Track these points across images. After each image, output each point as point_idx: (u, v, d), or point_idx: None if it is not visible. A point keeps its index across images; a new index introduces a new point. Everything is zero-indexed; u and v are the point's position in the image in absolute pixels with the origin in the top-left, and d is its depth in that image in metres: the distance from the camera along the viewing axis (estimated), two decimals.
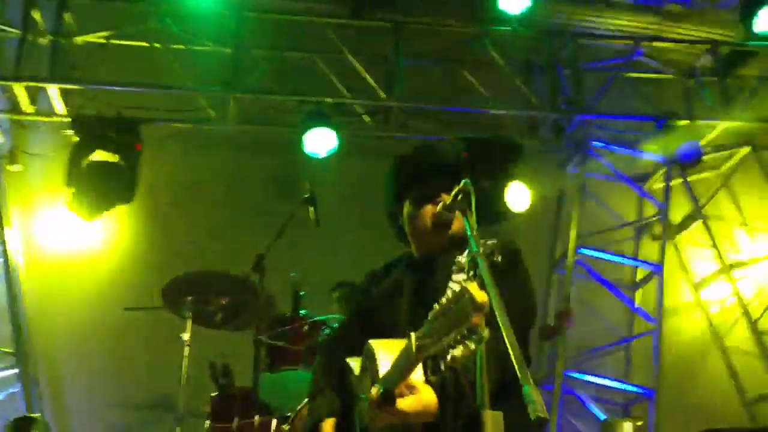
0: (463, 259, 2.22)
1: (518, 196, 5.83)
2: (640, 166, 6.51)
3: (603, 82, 6.45)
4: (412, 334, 1.82)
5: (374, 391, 1.95)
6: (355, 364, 2.36)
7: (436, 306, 1.72)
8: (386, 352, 2.07)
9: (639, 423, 4.06)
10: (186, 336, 4.13)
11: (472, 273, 1.91)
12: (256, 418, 4.03)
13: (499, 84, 6.34)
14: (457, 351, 1.61)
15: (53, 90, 5.59)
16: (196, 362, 4.10)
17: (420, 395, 1.95)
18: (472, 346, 1.59)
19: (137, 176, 5.60)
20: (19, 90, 5.53)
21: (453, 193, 2.23)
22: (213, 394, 4.22)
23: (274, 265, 4.04)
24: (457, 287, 2.13)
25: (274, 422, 3.95)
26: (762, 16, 6.48)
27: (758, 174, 6.49)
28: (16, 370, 5.48)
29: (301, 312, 4.19)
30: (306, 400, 3.73)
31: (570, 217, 6.21)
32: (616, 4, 6.45)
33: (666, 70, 6.54)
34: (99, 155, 5.63)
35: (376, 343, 2.15)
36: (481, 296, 1.60)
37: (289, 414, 3.97)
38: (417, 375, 2.00)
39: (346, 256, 5.32)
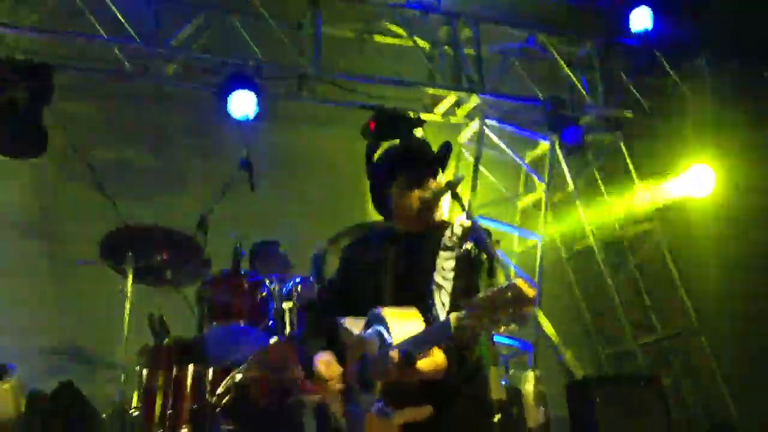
0: (449, 242, 2.65)
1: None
2: (528, 145, 7.22)
3: (500, 65, 7.05)
4: (452, 315, 2.15)
5: (394, 354, 2.28)
6: (348, 323, 2.73)
7: (482, 293, 2.05)
8: (397, 320, 2.43)
9: (537, 372, 4.71)
10: (126, 287, 4.28)
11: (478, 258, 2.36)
12: (191, 367, 4.31)
13: (405, 59, 6.77)
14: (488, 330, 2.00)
15: None
16: (138, 316, 4.28)
17: (434, 357, 2.32)
18: (512, 327, 1.97)
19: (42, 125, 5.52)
20: None
21: (444, 182, 2.66)
22: (150, 345, 4.43)
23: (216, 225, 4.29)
24: (450, 264, 2.57)
25: (210, 372, 4.22)
26: (635, 16, 7.35)
27: (623, 158, 7.37)
28: None
29: (242, 270, 4.45)
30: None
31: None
32: None
33: (554, 58, 7.25)
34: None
35: (386, 312, 2.48)
36: (530, 291, 1.95)
37: (229, 364, 4.28)
38: None
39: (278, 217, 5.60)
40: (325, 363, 2.63)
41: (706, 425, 6.62)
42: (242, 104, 5.76)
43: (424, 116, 6.62)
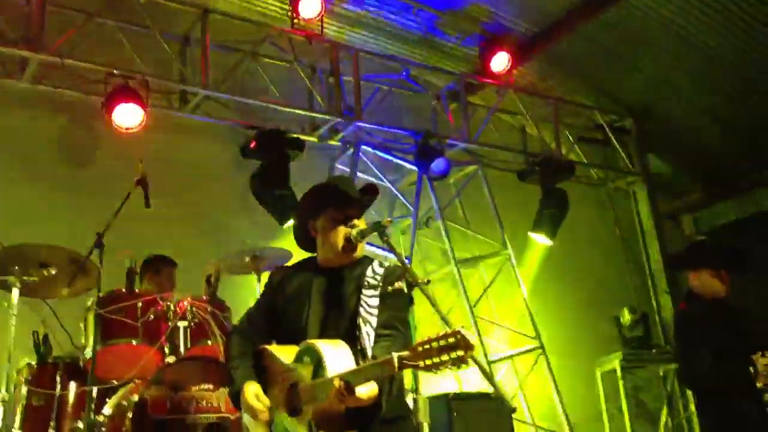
0: (372, 280, 2.92)
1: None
2: (397, 171, 7.66)
3: (377, 95, 7.44)
4: (395, 354, 2.35)
5: (336, 382, 2.48)
6: (276, 350, 2.93)
7: (428, 337, 2.26)
8: (331, 352, 2.65)
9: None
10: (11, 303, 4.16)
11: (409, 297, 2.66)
12: (73, 385, 4.27)
13: (287, 81, 6.98)
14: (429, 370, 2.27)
15: None
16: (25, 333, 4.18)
17: (369, 385, 2.55)
18: (455, 370, 2.23)
19: None
20: None
21: (372, 224, 2.95)
22: (33, 362, 4.33)
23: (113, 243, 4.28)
24: (374, 302, 2.85)
25: (94, 390, 4.21)
26: (496, 59, 8.01)
27: (482, 187, 8.00)
28: None
29: (135, 288, 4.46)
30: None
31: None
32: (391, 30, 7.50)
33: (425, 91, 7.75)
34: None
35: (319, 344, 2.69)
36: (473, 340, 2.20)
37: (115, 383, 4.28)
38: None
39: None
40: (255, 395, 2.81)
41: None
42: (128, 116, 5.73)
43: (303, 137, 6.87)
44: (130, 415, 3.94)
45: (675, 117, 8.66)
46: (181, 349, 4.35)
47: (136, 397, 3.97)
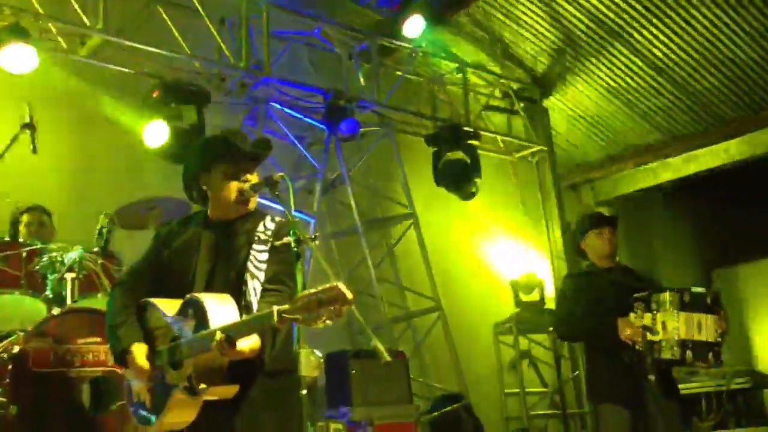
0: (263, 235, 2.90)
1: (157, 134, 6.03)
2: (307, 130, 7.59)
3: (288, 51, 7.32)
4: (275, 307, 2.39)
5: (218, 335, 2.49)
6: (160, 304, 2.88)
7: (307, 291, 2.32)
8: (215, 305, 2.63)
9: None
10: None
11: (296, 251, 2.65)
12: None
13: (194, 30, 6.76)
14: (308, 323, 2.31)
15: None
16: None
17: (251, 339, 2.56)
18: (328, 322, 2.29)
19: None
20: None
21: (264, 179, 2.91)
22: None
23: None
24: (264, 257, 2.83)
25: None
26: (409, 24, 8.00)
27: (390, 149, 8.05)
28: None
29: (20, 239, 4.28)
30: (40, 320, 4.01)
31: None
32: None
33: (335, 50, 7.68)
34: None
35: (203, 297, 2.68)
36: (349, 294, 2.27)
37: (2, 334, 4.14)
38: None
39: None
40: (144, 354, 2.77)
41: (440, 393, 7.51)
42: (18, 59, 5.43)
43: (209, 91, 6.69)
44: (10, 368, 3.81)
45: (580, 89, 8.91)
46: (68, 301, 4.23)
47: (17, 349, 3.84)
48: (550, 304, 8.06)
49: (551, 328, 7.80)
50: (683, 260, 10.20)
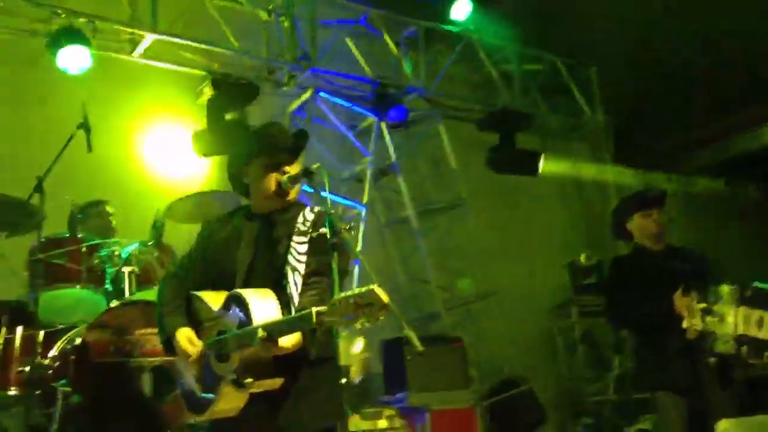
0: (302, 226, 2.93)
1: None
2: (356, 119, 7.61)
3: (334, 40, 7.34)
4: (314, 309, 2.41)
5: (260, 333, 2.53)
6: (207, 297, 2.94)
7: (344, 293, 2.32)
8: (257, 301, 2.68)
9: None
10: None
11: (332, 242, 2.67)
12: (19, 329, 4.26)
13: (242, 26, 6.83)
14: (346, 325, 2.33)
15: None
16: None
17: (293, 335, 2.60)
18: (367, 324, 2.29)
19: None
20: None
21: (301, 170, 2.94)
22: None
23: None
24: (303, 248, 2.86)
25: (41, 334, 4.22)
26: (456, 8, 7.93)
27: (439, 135, 8.00)
28: None
29: (79, 234, 4.43)
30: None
31: None
32: None
33: (383, 38, 7.66)
34: None
35: (246, 293, 2.72)
36: (385, 298, 2.27)
37: (62, 327, 4.30)
38: None
39: None
40: (187, 338, 2.84)
41: (498, 379, 7.46)
42: (74, 59, 5.59)
43: (258, 83, 6.77)
44: (72, 359, 3.96)
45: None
46: (126, 293, 4.36)
47: (79, 341, 3.98)
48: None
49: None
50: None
